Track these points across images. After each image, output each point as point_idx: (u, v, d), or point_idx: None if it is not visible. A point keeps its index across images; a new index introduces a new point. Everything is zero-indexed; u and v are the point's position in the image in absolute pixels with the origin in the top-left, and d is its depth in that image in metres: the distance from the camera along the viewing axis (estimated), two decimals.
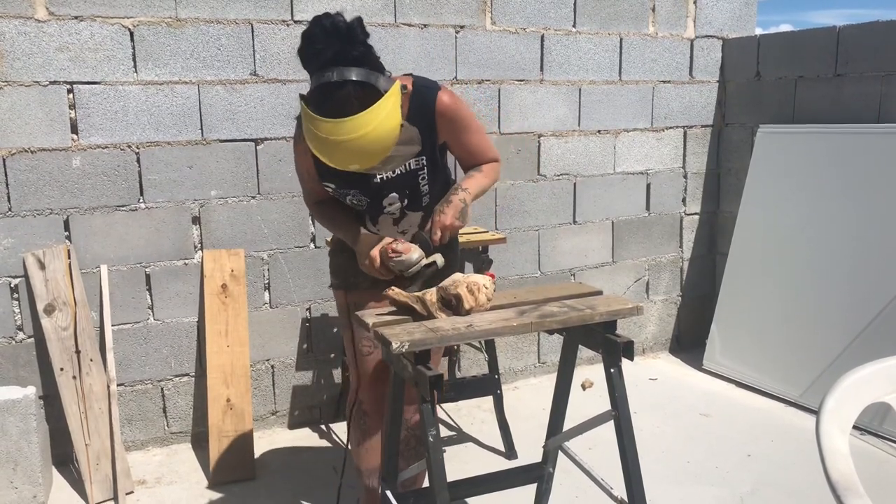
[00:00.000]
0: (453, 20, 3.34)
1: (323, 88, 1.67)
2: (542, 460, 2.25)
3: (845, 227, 3.32)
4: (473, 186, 2.00)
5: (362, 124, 1.65)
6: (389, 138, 1.71)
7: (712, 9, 3.97)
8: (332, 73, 1.65)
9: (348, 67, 1.66)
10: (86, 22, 2.75)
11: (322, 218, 2.12)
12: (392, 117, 1.70)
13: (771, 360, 3.56)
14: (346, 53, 1.66)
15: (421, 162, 1.98)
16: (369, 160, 1.73)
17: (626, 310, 1.87)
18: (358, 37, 1.69)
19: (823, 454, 1.39)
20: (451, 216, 1.91)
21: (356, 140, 1.66)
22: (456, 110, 1.95)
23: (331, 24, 1.68)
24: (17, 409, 2.54)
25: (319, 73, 1.67)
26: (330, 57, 1.66)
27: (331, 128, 1.65)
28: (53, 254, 2.80)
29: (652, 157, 3.96)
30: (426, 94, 1.91)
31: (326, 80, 1.66)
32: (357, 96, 1.67)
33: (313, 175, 2.01)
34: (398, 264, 1.86)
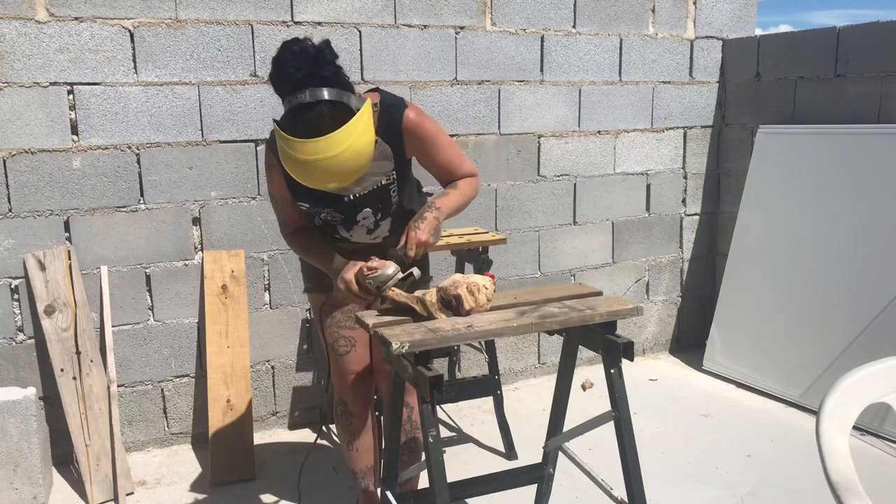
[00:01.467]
0: (453, 21, 3.35)
1: (296, 109, 1.70)
2: (543, 461, 2.25)
3: (845, 228, 3.32)
4: (447, 205, 2.00)
5: (337, 142, 1.67)
6: (365, 155, 1.73)
7: (712, 9, 3.98)
8: (305, 93, 1.69)
9: (320, 88, 1.69)
10: (86, 23, 2.76)
11: (297, 246, 2.10)
12: (366, 134, 1.72)
13: (771, 361, 3.56)
14: (316, 74, 1.70)
15: (391, 176, 2.00)
16: (347, 178, 1.75)
17: (626, 310, 1.87)
18: (327, 58, 1.73)
19: (823, 454, 1.39)
20: (426, 232, 1.91)
21: (332, 158, 1.68)
22: (422, 127, 1.96)
23: (300, 48, 1.72)
24: (18, 410, 2.54)
25: (292, 95, 1.70)
26: (301, 78, 1.69)
27: (307, 147, 1.68)
28: (54, 255, 2.80)
29: (652, 157, 3.97)
30: (393, 112, 1.93)
31: (299, 101, 1.69)
32: (330, 115, 1.69)
33: (286, 199, 2.01)
34: (375, 280, 1.85)
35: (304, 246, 2.07)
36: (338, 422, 2.28)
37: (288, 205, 2.03)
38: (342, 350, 2.17)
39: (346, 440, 2.26)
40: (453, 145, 2.07)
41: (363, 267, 1.87)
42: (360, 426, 2.23)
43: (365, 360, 2.21)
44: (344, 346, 2.16)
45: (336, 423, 2.28)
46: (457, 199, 2.03)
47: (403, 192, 2.06)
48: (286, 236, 2.11)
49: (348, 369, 2.19)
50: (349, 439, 2.25)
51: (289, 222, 2.08)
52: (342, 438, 2.27)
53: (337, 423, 2.28)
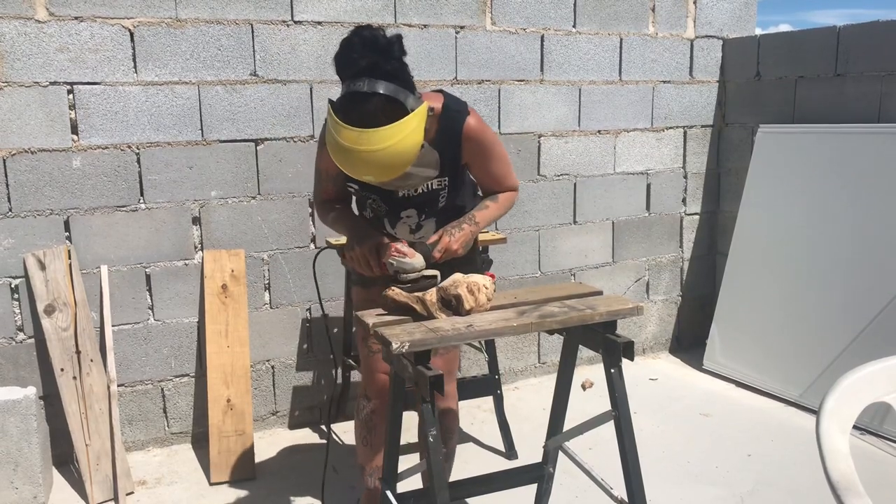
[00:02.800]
0: (453, 20, 3.35)
1: (351, 97, 1.69)
2: (543, 460, 2.25)
3: (845, 227, 3.32)
4: (485, 219, 2.05)
5: (383, 138, 1.67)
6: (408, 156, 1.73)
7: (712, 9, 3.97)
8: (363, 83, 1.68)
9: (379, 80, 1.68)
10: (86, 22, 2.76)
11: (325, 213, 2.13)
12: (414, 136, 1.72)
13: (771, 360, 3.56)
14: (379, 66, 1.69)
15: (443, 183, 2.02)
16: (384, 174, 1.74)
17: (626, 310, 1.87)
18: (394, 53, 1.72)
19: (823, 454, 1.39)
20: (458, 243, 1.95)
21: (375, 153, 1.68)
22: (482, 136, 1.98)
23: (370, 35, 1.71)
24: (18, 410, 2.54)
25: (351, 81, 1.70)
26: (364, 67, 1.68)
27: (353, 136, 1.67)
28: (54, 254, 2.80)
29: (652, 157, 3.96)
30: (455, 118, 1.94)
31: (356, 89, 1.68)
32: (383, 110, 1.69)
33: (331, 174, 2.04)
34: (400, 264, 1.85)
35: (335, 212, 2.11)
36: (357, 416, 2.28)
37: (330, 180, 2.07)
38: (376, 347, 2.15)
39: (363, 435, 2.26)
40: (505, 158, 2.09)
41: (394, 246, 1.87)
42: (379, 423, 2.23)
43: None
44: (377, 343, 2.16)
45: (356, 417, 2.29)
46: (494, 213, 2.08)
47: (455, 196, 2.07)
48: (318, 204, 2.16)
49: (378, 367, 2.19)
50: (365, 434, 2.26)
51: (324, 196, 2.14)
52: (358, 433, 2.28)
53: (356, 417, 2.29)
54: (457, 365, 2.27)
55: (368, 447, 2.26)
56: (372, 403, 2.24)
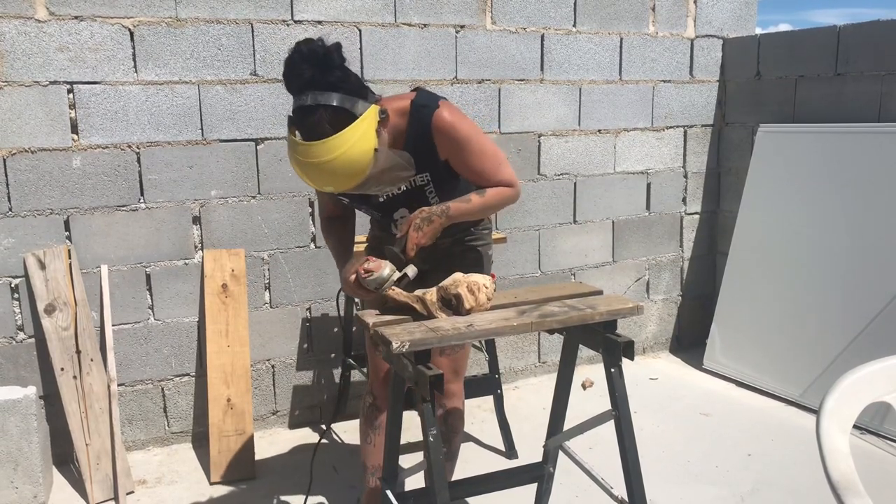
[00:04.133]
0: (453, 20, 3.34)
1: (298, 111, 1.74)
2: (543, 460, 2.25)
3: (845, 227, 3.32)
4: (459, 212, 1.95)
5: (331, 148, 1.69)
6: (361, 163, 1.73)
7: (712, 8, 3.97)
8: (307, 97, 1.72)
9: (323, 92, 1.72)
10: (86, 22, 2.76)
11: (326, 235, 2.17)
12: (363, 142, 1.72)
13: (771, 360, 3.56)
14: (321, 78, 1.72)
15: (425, 178, 1.98)
16: (342, 183, 1.77)
17: (626, 309, 1.87)
18: (334, 61, 1.74)
19: (824, 453, 1.39)
20: (427, 237, 1.91)
21: (327, 163, 1.71)
22: (453, 128, 1.90)
23: (308, 49, 1.73)
24: (18, 409, 2.54)
25: (297, 96, 1.74)
26: (306, 80, 1.72)
27: (304, 150, 1.72)
28: (54, 254, 2.80)
29: (652, 156, 3.96)
30: (423, 112, 1.91)
31: (301, 104, 1.73)
32: (329, 120, 1.71)
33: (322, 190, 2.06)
34: (372, 282, 1.86)
35: (330, 234, 2.15)
36: (363, 414, 2.29)
37: (324, 195, 2.11)
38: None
39: (366, 433, 2.27)
40: (487, 152, 1.97)
41: (360, 269, 1.89)
42: (383, 423, 2.23)
43: None
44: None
45: (361, 414, 2.30)
46: (475, 207, 1.97)
47: (444, 192, 2.01)
48: (321, 220, 2.20)
49: (385, 366, 2.19)
50: (369, 433, 2.26)
51: (325, 212, 2.17)
52: (362, 431, 2.29)
53: (361, 415, 2.29)
54: (464, 365, 2.26)
55: (371, 446, 2.26)
56: (377, 402, 2.24)
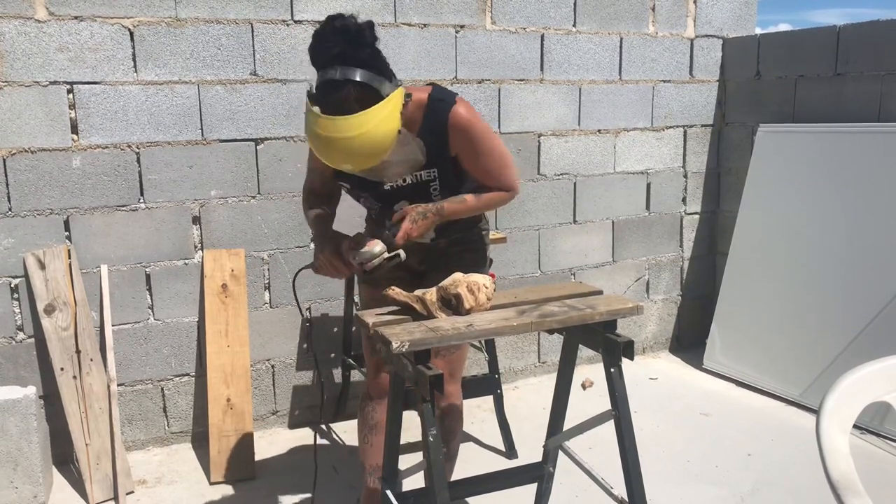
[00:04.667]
0: (453, 20, 3.34)
1: (324, 85, 1.71)
2: (543, 460, 2.25)
3: (845, 227, 3.32)
4: (452, 211, 1.98)
5: (356, 125, 1.68)
6: (384, 143, 1.73)
7: (712, 8, 3.97)
8: (336, 71, 1.69)
9: (352, 68, 1.69)
10: (86, 22, 2.76)
11: (307, 206, 2.14)
12: (388, 122, 1.72)
13: (771, 360, 3.56)
14: (351, 54, 1.70)
15: (432, 174, 1.98)
16: (361, 162, 1.75)
17: (626, 309, 1.87)
18: (366, 39, 1.73)
19: (823, 453, 1.39)
20: (418, 230, 1.92)
21: (349, 140, 1.69)
22: (469, 126, 1.92)
23: (341, 24, 1.72)
24: (18, 409, 2.54)
25: (324, 70, 1.72)
26: (335, 55, 1.70)
27: (327, 124, 1.69)
28: (54, 254, 2.80)
29: (652, 156, 3.96)
30: (440, 107, 1.91)
31: (329, 78, 1.70)
32: (356, 97, 1.69)
33: (319, 169, 2.06)
34: (360, 256, 1.87)
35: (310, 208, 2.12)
36: (361, 414, 2.28)
37: (318, 174, 2.09)
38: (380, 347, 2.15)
39: (364, 434, 2.26)
40: (499, 153, 2.00)
41: (349, 242, 1.90)
42: (381, 423, 2.22)
43: None
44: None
45: (359, 414, 2.29)
46: (469, 207, 2.01)
47: (448, 190, 2.01)
48: (305, 192, 2.18)
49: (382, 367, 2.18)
50: (367, 433, 2.25)
51: (310, 187, 2.15)
52: (360, 432, 2.28)
53: (360, 415, 2.29)
54: (461, 367, 2.25)
55: (370, 445, 2.26)
56: (375, 403, 2.23)
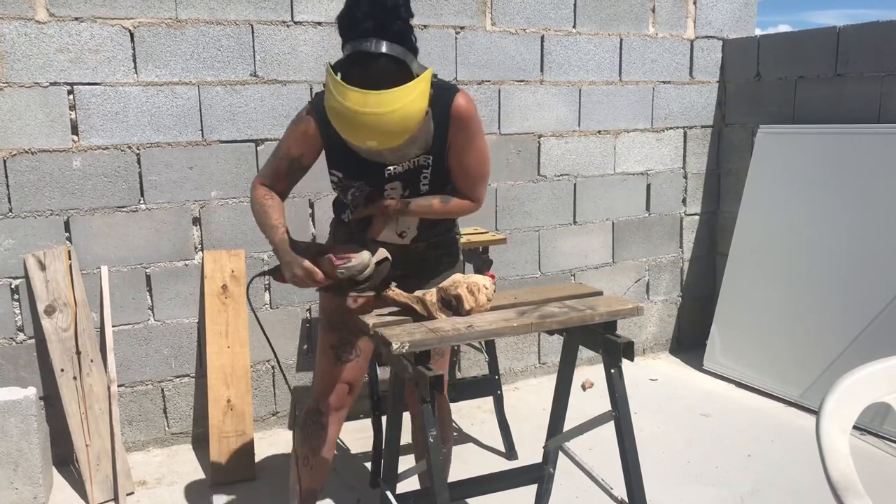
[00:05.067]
0: (453, 21, 3.35)
1: (358, 57, 1.63)
2: (543, 461, 2.25)
3: (845, 228, 3.32)
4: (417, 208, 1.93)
5: (391, 100, 1.60)
6: (414, 120, 1.66)
7: (712, 9, 3.98)
8: (371, 43, 1.61)
9: (386, 41, 1.62)
10: (86, 23, 2.76)
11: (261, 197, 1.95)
12: (420, 100, 1.65)
13: (771, 361, 3.56)
14: (387, 27, 1.63)
15: (428, 161, 1.92)
16: (389, 139, 1.66)
17: (626, 310, 1.87)
18: (402, 13, 1.66)
19: (823, 454, 1.39)
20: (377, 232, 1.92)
21: (382, 115, 1.60)
22: (469, 118, 1.88)
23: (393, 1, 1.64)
24: (18, 410, 2.54)
25: (356, 41, 1.63)
26: (371, 27, 1.62)
27: (359, 98, 1.59)
28: (54, 255, 2.80)
29: (652, 157, 3.97)
30: (445, 94, 1.87)
31: (363, 49, 1.62)
32: (390, 72, 1.63)
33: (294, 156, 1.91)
34: (349, 269, 1.79)
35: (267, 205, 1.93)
36: (304, 432, 2.12)
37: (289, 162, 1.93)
38: (346, 357, 2.06)
39: (305, 455, 2.11)
40: (484, 159, 1.96)
41: (332, 257, 1.80)
42: (324, 442, 2.11)
43: (361, 373, 2.13)
44: (349, 352, 2.07)
45: (302, 433, 2.13)
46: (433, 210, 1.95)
47: (440, 184, 1.96)
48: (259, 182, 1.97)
49: (344, 377, 2.07)
50: (308, 454, 2.11)
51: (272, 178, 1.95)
52: (300, 452, 2.12)
53: (302, 433, 2.13)
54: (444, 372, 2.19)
55: (309, 468, 2.11)
56: (327, 417, 2.10)
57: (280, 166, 1.95)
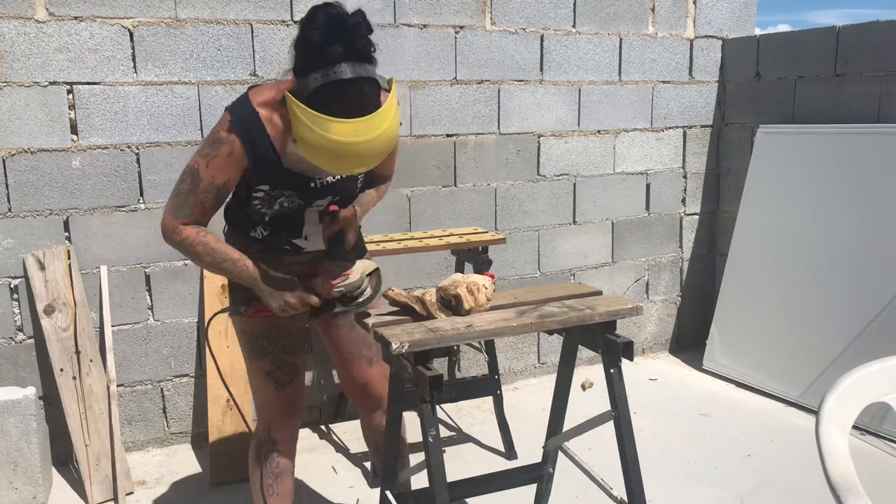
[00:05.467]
0: (453, 20, 3.34)
1: (337, 86, 1.52)
2: (542, 460, 2.25)
3: (845, 227, 3.32)
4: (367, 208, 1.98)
5: (378, 124, 1.54)
6: (396, 135, 1.62)
7: (712, 9, 3.98)
8: (344, 68, 1.51)
9: (360, 63, 1.53)
10: (85, 22, 2.76)
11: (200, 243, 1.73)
12: (396, 113, 1.61)
13: (771, 360, 3.56)
14: (354, 47, 1.53)
15: None
16: (376, 160, 1.61)
17: (625, 310, 1.87)
18: (363, 30, 1.55)
19: (823, 454, 1.39)
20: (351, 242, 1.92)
21: (371, 141, 1.54)
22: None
23: (337, 14, 1.52)
24: (17, 410, 2.54)
25: (326, 69, 1.52)
26: (341, 52, 1.51)
27: (347, 129, 1.51)
28: (53, 254, 2.80)
29: (652, 157, 3.96)
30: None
31: (339, 77, 1.51)
32: (370, 94, 1.55)
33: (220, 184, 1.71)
34: (349, 287, 1.77)
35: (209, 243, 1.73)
36: (260, 464, 2.01)
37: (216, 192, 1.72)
38: (285, 379, 1.94)
39: (268, 484, 2.00)
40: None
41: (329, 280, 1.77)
42: (287, 468, 2.02)
43: (304, 390, 2.03)
44: (287, 374, 1.95)
45: (259, 465, 2.01)
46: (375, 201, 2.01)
47: (367, 179, 1.93)
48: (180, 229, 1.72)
49: (290, 402, 1.97)
50: (271, 483, 2.00)
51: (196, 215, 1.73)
52: (263, 483, 2.00)
53: (259, 464, 2.01)
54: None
55: (275, 496, 2.01)
56: (280, 446, 2.00)
57: (206, 200, 1.72)
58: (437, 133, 3.39)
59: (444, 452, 2.93)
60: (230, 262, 1.76)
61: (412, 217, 3.40)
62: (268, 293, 1.78)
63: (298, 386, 2.00)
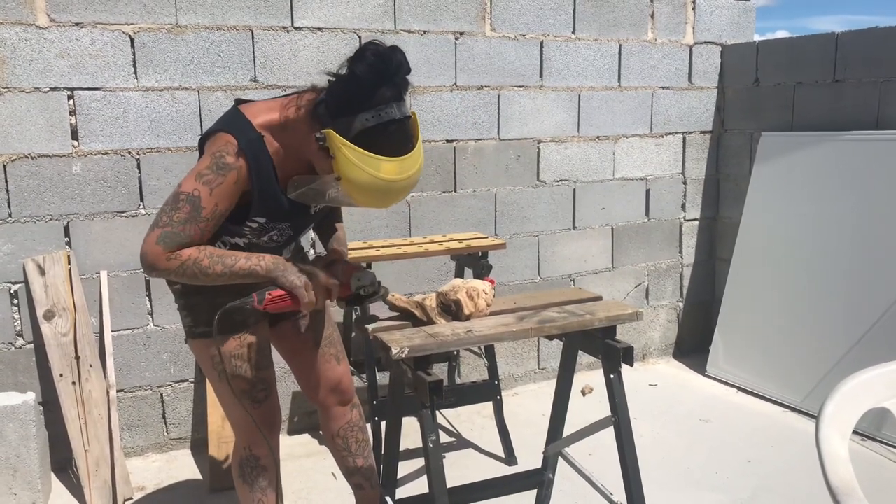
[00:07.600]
0: (453, 27, 3.35)
1: (386, 127, 1.54)
2: (542, 466, 2.25)
3: (847, 234, 3.33)
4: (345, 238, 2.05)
5: (417, 156, 1.59)
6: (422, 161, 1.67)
7: (711, 15, 3.99)
8: (394, 109, 1.55)
9: (403, 102, 1.58)
10: (86, 28, 2.76)
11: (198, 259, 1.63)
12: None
13: (773, 366, 3.56)
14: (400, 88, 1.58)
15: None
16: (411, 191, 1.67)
17: (625, 315, 1.87)
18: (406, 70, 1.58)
19: (823, 459, 1.39)
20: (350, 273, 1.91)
21: (415, 174, 1.59)
22: None
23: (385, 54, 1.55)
24: (17, 415, 2.54)
25: (376, 109, 1.53)
26: (389, 94, 1.55)
27: (395, 167, 1.54)
28: (53, 260, 2.80)
29: (651, 162, 3.97)
30: None
31: (389, 118, 1.54)
32: (412, 129, 1.60)
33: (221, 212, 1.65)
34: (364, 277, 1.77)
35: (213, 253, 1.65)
36: (245, 480, 2.00)
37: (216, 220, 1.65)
38: (261, 396, 1.93)
39: (258, 499, 2.01)
40: None
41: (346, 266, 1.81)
42: (272, 481, 2.02)
43: (278, 403, 2.03)
44: (263, 390, 1.94)
45: (246, 483, 2.00)
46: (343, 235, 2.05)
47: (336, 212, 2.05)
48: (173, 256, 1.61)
49: (269, 417, 1.96)
50: (261, 497, 2.00)
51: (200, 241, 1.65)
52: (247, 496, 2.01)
53: (246, 482, 2.00)
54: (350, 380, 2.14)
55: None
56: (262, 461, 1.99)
57: (206, 229, 1.64)
58: (436, 139, 3.40)
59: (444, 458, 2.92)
60: (243, 259, 1.65)
61: (412, 222, 3.41)
62: (293, 271, 1.68)
63: (274, 400, 2.00)
